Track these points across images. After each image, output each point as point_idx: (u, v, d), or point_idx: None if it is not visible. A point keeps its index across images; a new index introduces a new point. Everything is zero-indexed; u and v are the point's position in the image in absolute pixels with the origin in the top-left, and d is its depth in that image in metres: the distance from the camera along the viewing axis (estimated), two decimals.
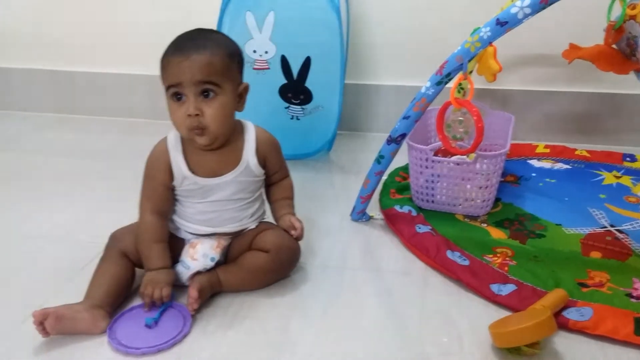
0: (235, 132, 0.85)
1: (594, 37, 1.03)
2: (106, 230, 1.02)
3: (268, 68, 1.29)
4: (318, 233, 1.03)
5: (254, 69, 1.29)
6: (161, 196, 0.84)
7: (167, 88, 0.79)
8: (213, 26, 1.28)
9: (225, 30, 1.28)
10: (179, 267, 0.84)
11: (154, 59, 1.58)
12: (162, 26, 1.56)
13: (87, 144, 1.52)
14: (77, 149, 1.48)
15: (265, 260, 0.84)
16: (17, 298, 0.86)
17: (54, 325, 0.73)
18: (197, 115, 0.77)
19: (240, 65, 0.84)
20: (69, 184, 1.26)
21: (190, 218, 0.85)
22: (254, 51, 1.28)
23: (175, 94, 0.78)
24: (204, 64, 0.76)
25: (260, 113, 1.32)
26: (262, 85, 1.30)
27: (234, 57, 0.81)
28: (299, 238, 0.87)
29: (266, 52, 1.28)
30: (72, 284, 0.87)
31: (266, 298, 0.84)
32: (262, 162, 0.87)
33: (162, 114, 1.61)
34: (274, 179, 0.92)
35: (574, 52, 1.00)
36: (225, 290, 0.85)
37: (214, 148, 0.83)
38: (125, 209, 0.99)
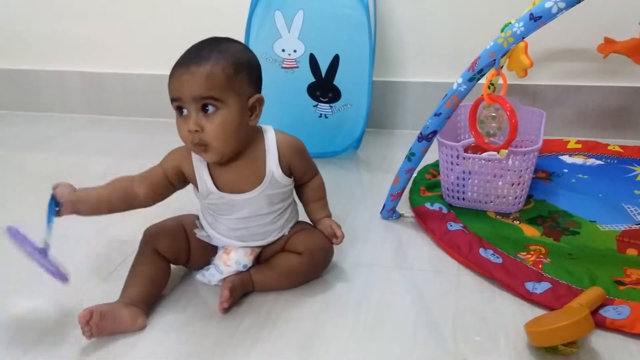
0: (254, 142, 0.81)
1: (629, 30, 1.01)
2: (139, 228, 1.04)
3: (297, 67, 1.30)
4: (348, 231, 1.02)
5: (283, 67, 1.31)
6: (153, 179, 0.82)
7: (171, 101, 0.77)
8: (242, 26, 1.30)
9: (254, 30, 1.29)
10: (212, 270, 0.85)
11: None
12: (192, 27, 1.59)
13: (118, 145, 1.55)
14: (108, 149, 1.51)
15: (298, 262, 0.85)
16: (53, 298, 0.87)
17: (98, 323, 0.74)
18: (197, 131, 0.74)
19: (250, 75, 0.79)
20: (100, 184, 1.28)
21: (221, 232, 0.85)
22: (283, 50, 1.29)
23: (178, 108, 0.76)
24: (203, 78, 0.73)
25: (289, 111, 1.34)
26: (291, 84, 1.32)
27: (241, 68, 0.76)
28: (338, 243, 0.87)
29: (295, 51, 1.29)
30: (106, 283, 0.89)
31: (299, 297, 0.85)
32: (288, 170, 0.83)
33: None
34: (303, 180, 0.90)
35: (609, 46, 0.98)
36: (258, 290, 0.86)
37: (230, 161, 0.80)
38: (157, 207, 1.01)
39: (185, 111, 0.75)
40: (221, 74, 0.74)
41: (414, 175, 1.12)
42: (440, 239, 0.97)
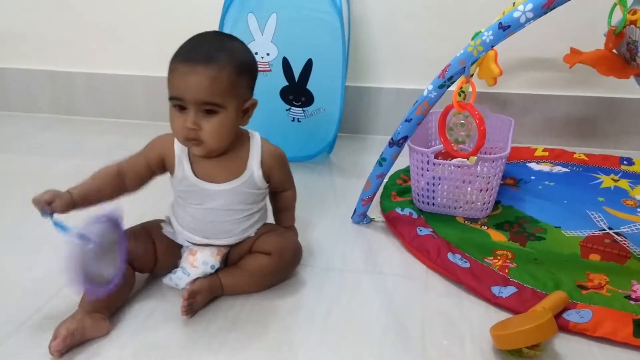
0: (240, 141, 0.83)
1: (595, 41, 1.04)
2: None
3: (270, 70, 1.30)
4: (319, 236, 1.03)
5: None
6: (135, 166, 0.83)
7: (170, 98, 0.77)
8: (215, 28, 1.29)
9: (226, 32, 1.28)
10: (179, 273, 0.84)
11: (153, 61, 1.59)
12: (164, 28, 1.58)
13: (85, 146, 1.52)
14: (75, 151, 1.48)
15: (267, 263, 0.84)
16: (16, 300, 0.85)
17: (69, 343, 0.72)
18: (194, 129, 0.76)
19: (250, 79, 0.81)
20: (67, 185, 1.25)
21: (186, 225, 0.84)
22: (256, 53, 1.28)
23: (177, 104, 0.77)
24: (209, 82, 0.74)
25: (261, 115, 1.32)
26: (264, 88, 1.29)
27: (243, 71, 0.79)
28: None
29: (268, 54, 1.29)
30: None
31: (268, 301, 0.85)
32: (267, 175, 0.85)
33: (160, 116, 1.64)
34: (280, 189, 0.91)
35: (575, 56, 1.01)
36: (227, 294, 0.85)
37: (214, 156, 0.82)
38: (124, 211, 0.98)
39: (184, 108, 0.76)
40: (226, 80, 0.75)
41: (385, 180, 1.13)
42: (409, 243, 0.98)
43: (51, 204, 0.75)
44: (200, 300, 0.81)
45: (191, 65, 0.75)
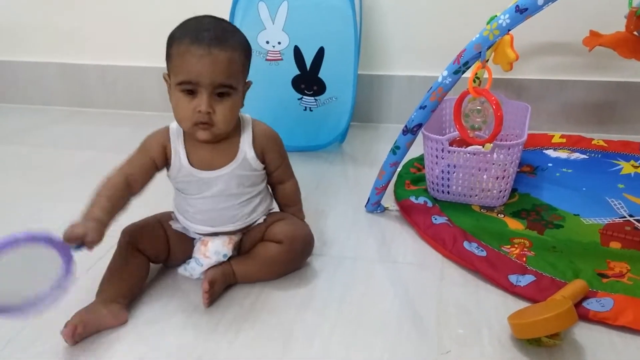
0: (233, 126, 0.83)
1: (615, 24, 1.01)
2: (117, 223, 1.02)
3: (281, 59, 1.28)
4: (332, 225, 1.02)
5: (267, 60, 1.29)
6: (142, 168, 0.81)
7: (182, 82, 0.74)
8: (225, 17, 1.28)
9: (237, 21, 1.27)
10: (192, 264, 0.84)
11: (164, 52, 1.58)
12: (174, 18, 1.57)
13: (99, 138, 1.52)
14: (89, 143, 1.49)
15: (278, 251, 0.84)
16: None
17: (82, 333, 0.73)
18: (209, 112, 0.75)
19: (250, 61, 0.81)
20: (81, 178, 1.26)
21: (191, 217, 0.84)
22: (267, 42, 1.27)
23: (189, 89, 0.75)
24: (225, 64, 0.73)
25: (273, 104, 1.33)
26: (275, 77, 1.30)
27: (249, 53, 0.79)
28: None
29: (279, 43, 1.27)
30: (86, 275, 0.88)
31: (282, 290, 0.84)
32: (261, 155, 0.84)
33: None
34: (277, 178, 0.89)
35: (594, 39, 0.98)
36: (240, 282, 0.85)
37: (214, 142, 0.80)
38: (136, 202, 0.98)
39: (196, 93, 0.75)
40: (239, 61, 0.76)
41: (399, 169, 1.12)
42: (424, 232, 0.97)
43: (84, 238, 0.69)
44: (217, 289, 0.81)
45: (205, 48, 0.73)
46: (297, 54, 1.27)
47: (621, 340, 0.73)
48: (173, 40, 0.76)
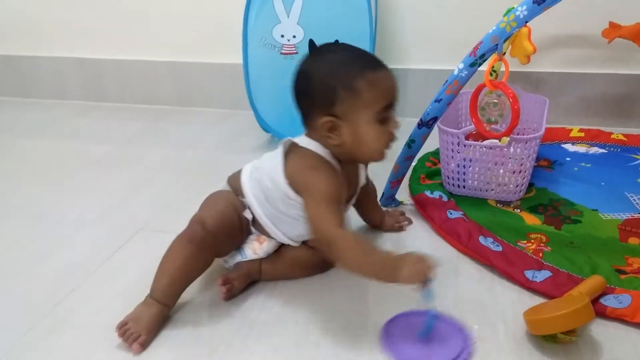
0: None
1: (635, 15, 0.99)
2: (134, 216, 1.03)
3: (296, 53, 1.28)
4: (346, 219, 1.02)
5: (282, 53, 1.29)
6: (342, 213, 0.75)
7: (381, 109, 0.72)
8: (240, 11, 1.28)
9: (252, 15, 1.28)
10: (235, 253, 0.83)
11: (178, 46, 1.59)
12: (190, 14, 1.58)
13: (116, 132, 1.54)
14: (106, 136, 1.50)
15: (307, 256, 0.84)
16: (50, 281, 0.88)
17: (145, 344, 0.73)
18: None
19: None
20: (98, 171, 1.28)
21: (288, 231, 0.81)
22: (282, 36, 1.27)
23: (383, 116, 0.73)
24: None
25: (288, 99, 1.32)
26: (290, 71, 1.28)
27: None
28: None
29: (294, 37, 1.27)
30: (103, 268, 0.89)
31: (298, 283, 0.85)
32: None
33: (186, 101, 1.65)
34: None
35: (614, 31, 0.96)
36: (264, 279, 0.85)
37: None
38: (153, 194, 0.99)
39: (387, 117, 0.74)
40: None
41: (414, 163, 1.11)
42: (440, 227, 0.96)
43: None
44: (238, 285, 0.81)
45: (388, 71, 0.74)
46: (312, 47, 1.27)
47: (639, 337, 0.72)
48: (348, 77, 0.71)
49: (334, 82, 0.71)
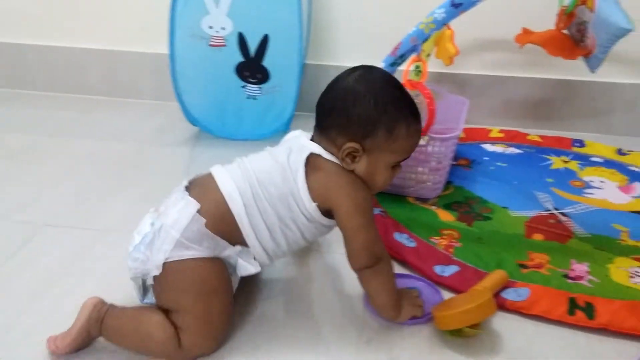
0: None
1: (552, 22, 1.04)
2: (51, 210, 0.99)
3: (224, 45, 1.27)
4: None
5: (210, 45, 1.27)
6: None
7: (402, 159, 0.74)
8: (167, 0, 1.25)
9: (180, 4, 1.25)
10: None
11: (109, 35, 1.53)
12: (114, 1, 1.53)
13: (40, 121, 1.47)
14: (26, 127, 1.43)
15: None
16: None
17: None
18: None
19: None
20: (15, 163, 1.22)
21: (290, 248, 0.76)
22: (210, 27, 1.25)
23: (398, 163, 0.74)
24: None
25: (216, 91, 1.31)
26: (218, 63, 1.28)
27: None
28: None
29: (223, 29, 1.25)
30: (4, 268, 0.86)
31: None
32: None
33: (117, 91, 1.60)
34: None
35: (526, 36, 1.01)
36: None
37: None
38: (71, 188, 0.95)
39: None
40: None
41: None
42: None
43: None
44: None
45: (420, 125, 0.76)
46: (241, 40, 1.26)
47: (534, 328, 0.76)
48: (394, 120, 0.71)
49: (381, 117, 0.70)
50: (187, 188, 0.73)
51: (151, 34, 1.51)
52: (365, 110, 0.70)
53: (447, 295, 0.81)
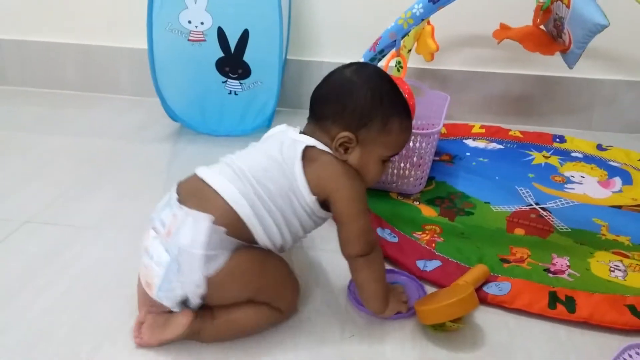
0: None
1: (529, 18, 1.04)
2: (20, 207, 0.96)
3: (204, 40, 1.25)
4: None
5: (189, 40, 1.25)
6: None
7: (393, 154, 0.75)
8: None
9: None
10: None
11: (85, 28, 1.51)
12: None
13: (10, 117, 1.43)
14: (3, 121, 1.40)
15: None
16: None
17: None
18: None
19: None
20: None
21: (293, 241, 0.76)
22: (189, 22, 1.24)
23: (388, 158, 0.75)
24: None
25: (196, 87, 1.29)
26: (198, 58, 1.27)
27: None
28: None
29: (202, 23, 1.24)
30: None
31: None
32: None
33: (92, 86, 1.57)
34: None
35: (503, 32, 1.01)
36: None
37: None
38: (45, 184, 0.93)
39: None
40: None
41: None
42: None
43: None
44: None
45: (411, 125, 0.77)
46: (221, 35, 1.24)
47: (515, 322, 0.76)
48: (389, 113, 0.71)
49: (376, 109, 0.71)
50: (179, 200, 0.68)
51: (128, 28, 1.49)
52: (361, 101, 0.70)
53: (429, 289, 0.81)
